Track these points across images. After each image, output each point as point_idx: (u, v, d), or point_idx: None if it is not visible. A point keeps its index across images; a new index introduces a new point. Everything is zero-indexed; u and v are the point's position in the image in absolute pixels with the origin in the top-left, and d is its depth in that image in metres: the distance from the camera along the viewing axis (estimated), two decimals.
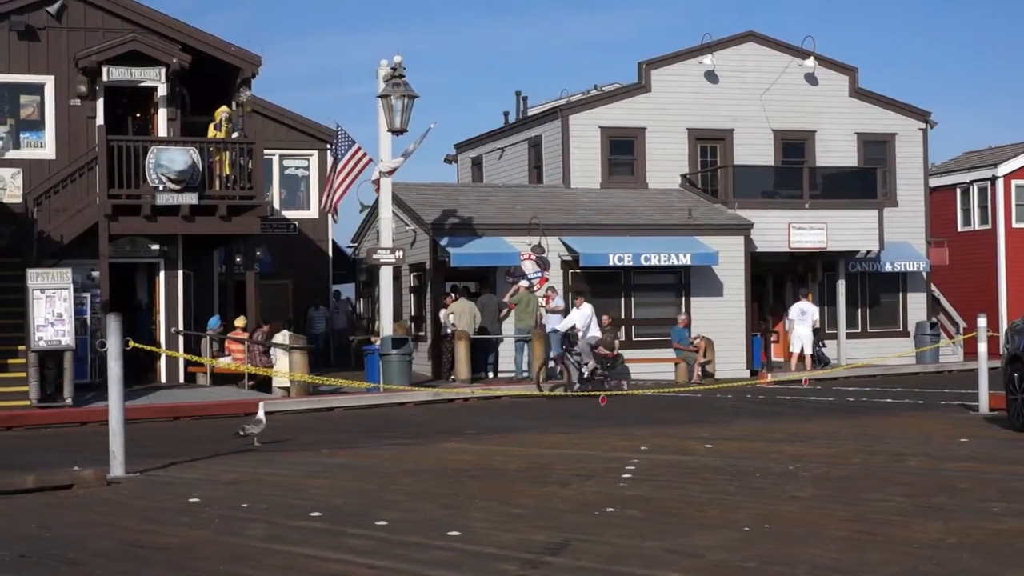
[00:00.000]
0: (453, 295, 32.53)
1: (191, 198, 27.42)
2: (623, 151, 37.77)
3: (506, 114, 43.80)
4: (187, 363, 28.78)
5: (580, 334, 27.62)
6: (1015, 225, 41.80)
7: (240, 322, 28.33)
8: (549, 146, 38.07)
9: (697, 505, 11.38)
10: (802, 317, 34.29)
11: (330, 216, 32.86)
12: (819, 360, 35.28)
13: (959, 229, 43.18)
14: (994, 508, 10.88)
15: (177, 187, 27.19)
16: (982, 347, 21.69)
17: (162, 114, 29.32)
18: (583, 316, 27.86)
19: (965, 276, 41.97)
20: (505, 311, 31.90)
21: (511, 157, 40.56)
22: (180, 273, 29.43)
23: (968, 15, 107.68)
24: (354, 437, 19.23)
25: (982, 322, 21.91)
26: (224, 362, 27.86)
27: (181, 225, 27.91)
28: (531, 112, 42.38)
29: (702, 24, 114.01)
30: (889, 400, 25.33)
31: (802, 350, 34.05)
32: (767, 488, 12.41)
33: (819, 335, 35.62)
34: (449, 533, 10.14)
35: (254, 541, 10.08)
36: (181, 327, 29.22)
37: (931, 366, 35.85)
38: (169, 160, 27.13)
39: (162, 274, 29.41)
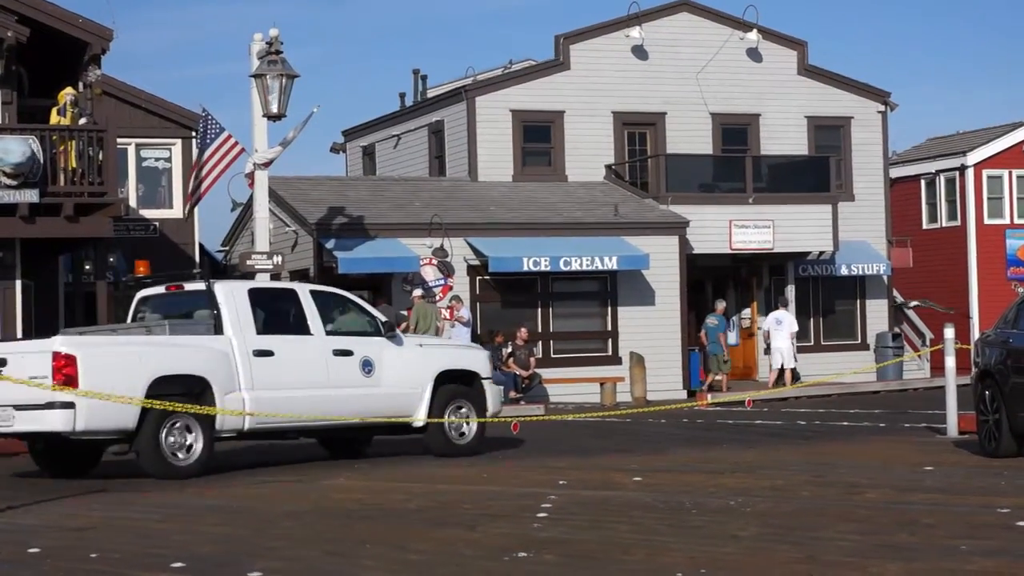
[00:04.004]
0: None
1: (31, 195, 27.10)
2: (539, 138, 37.92)
3: (402, 96, 43.85)
4: None
5: None
6: (987, 221, 42.52)
7: None
8: (453, 133, 38.12)
9: (623, 547, 11.44)
10: (778, 327, 34.86)
11: (187, 216, 32.65)
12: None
13: (924, 226, 43.85)
14: (962, 546, 11.03)
15: (13, 182, 26.88)
16: (950, 361, 22.00)
17: None
18: None
19: (931, 280, 42.61)
20: (403, 325, 31.88)
21: (408, 146, 40.55)
22: (18, 283, 29.05)
23: None
24: (225, 473, 19.10)
25: (950, 333, 22.21)
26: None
27: (19, 227, 27.57)
28: (431, 93, 42.41)
29: None
30: (845, 423, 25.63)
31: (783, 365, 34.84)
32: (704, 527, 12.50)
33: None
34: None
35: None
36: None
37: (894, 383, 36.41)
38: (4, 151, 26.82)
39: None
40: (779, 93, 39.71)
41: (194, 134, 33.89)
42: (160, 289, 20.44)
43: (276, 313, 19.74)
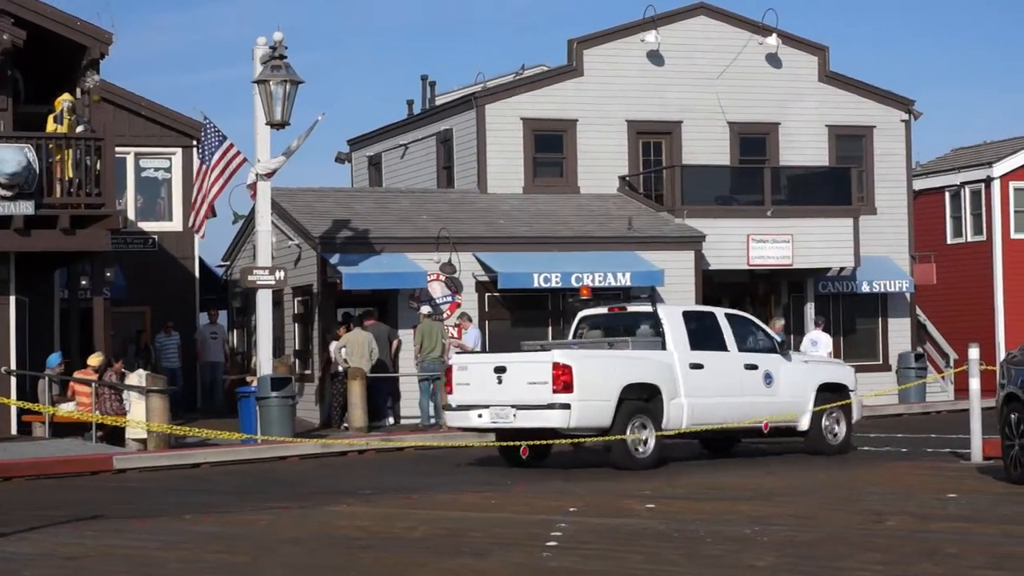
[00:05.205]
0: (348, 324, 32.25)
1: (26, 207, 27.16)
2: (551, 148, 37.95)
3: (410, 103, 43.84)
4: (21, 411, 28.43)
5: None
6: (1014, 236, 42.41)
7: (94, 360, 27.93)
8: (461, 142, 38.15)
9: None
10: (814, 348, 34.81)
11: (196, 234, 32.78)
12: None
13: (949, 241, 43.76)
14: None
15: (8, 193, 26.94)
16: (975, 383, 21.98)
17: None
18: None
19: (956, 297, 42.51)
20: (397, 342, 31.99)
21: (416, 156, 40.58)
22: (12, 299, 29.08)
23: None
24: (224, 499, 19.15)
25: (975, 353, 22.21)
26: (66, 409, 27.55)
27: (13, 240, 27.62)
28: (440, 101, 42.42)
29: None
30: (867, 447, 25.62)
31: None
32: (720, 556, 12.52)
33: None
34: None
35: None
36: (13, 366, 28.88)
37: (916, 406, 36.30)
38: None
39: None
40: (799, 101, 39.69)
41: (195, 143, 33.91)
42: (602, 309, 25.37)
43: (701, 332, 23.78)
